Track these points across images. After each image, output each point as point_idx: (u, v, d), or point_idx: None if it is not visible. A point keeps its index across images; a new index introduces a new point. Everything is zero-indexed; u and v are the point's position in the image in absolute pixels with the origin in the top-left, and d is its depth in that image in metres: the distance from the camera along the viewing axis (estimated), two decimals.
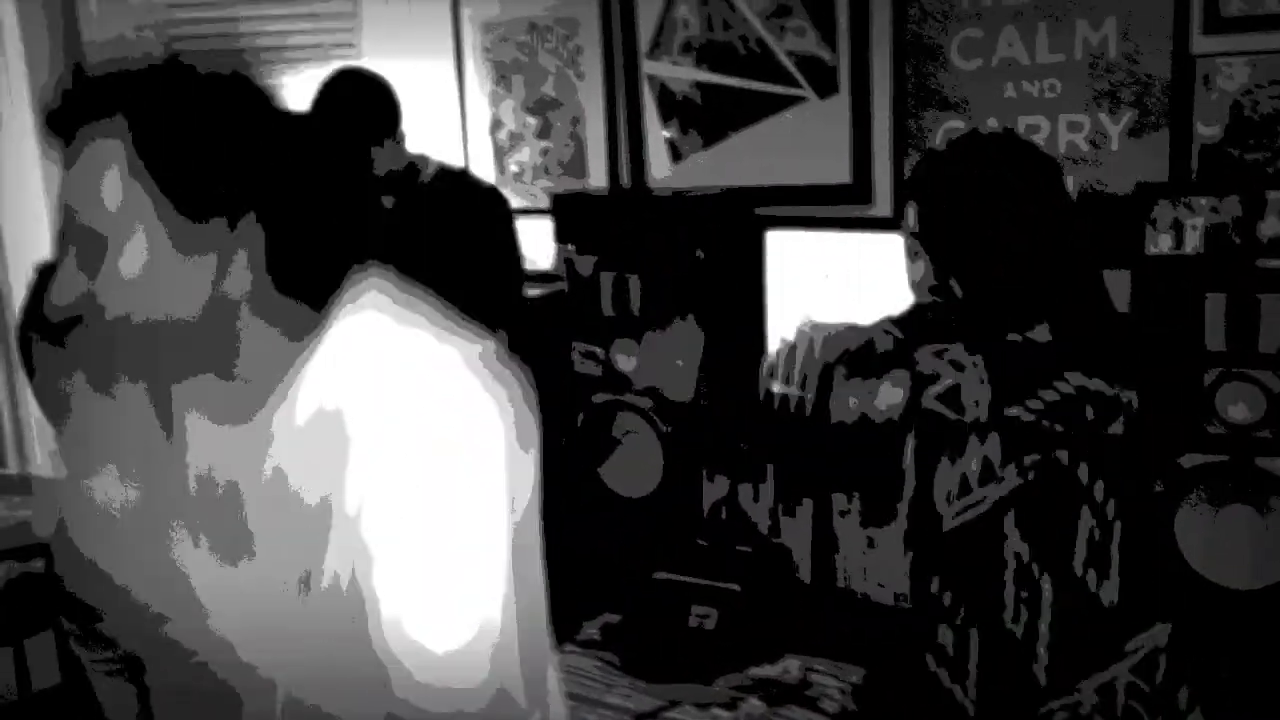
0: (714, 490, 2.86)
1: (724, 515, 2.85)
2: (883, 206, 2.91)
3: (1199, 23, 2.45)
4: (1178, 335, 2.13)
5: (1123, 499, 1.87)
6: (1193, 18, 2.46)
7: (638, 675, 2.48)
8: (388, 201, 2.65)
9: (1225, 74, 2.43)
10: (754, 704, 2.34)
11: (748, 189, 3.00)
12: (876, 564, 2.68)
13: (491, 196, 3.04)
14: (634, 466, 2.89)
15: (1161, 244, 2.20)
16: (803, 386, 1.87)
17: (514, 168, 3.52)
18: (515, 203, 3.46)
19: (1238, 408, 2.10)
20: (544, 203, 3.30)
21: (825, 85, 2.98)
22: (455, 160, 3.43)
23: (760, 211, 2.90)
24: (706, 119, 3.18)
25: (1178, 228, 2.19)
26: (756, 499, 2.79)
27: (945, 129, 2.80)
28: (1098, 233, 2.39)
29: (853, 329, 2.12)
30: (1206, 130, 2.45)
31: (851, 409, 1.94)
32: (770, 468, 2.79)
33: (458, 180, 3.11)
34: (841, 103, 2.96)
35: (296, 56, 3.60)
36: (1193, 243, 2.17)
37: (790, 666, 2.47)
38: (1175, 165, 2.47)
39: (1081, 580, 1.68)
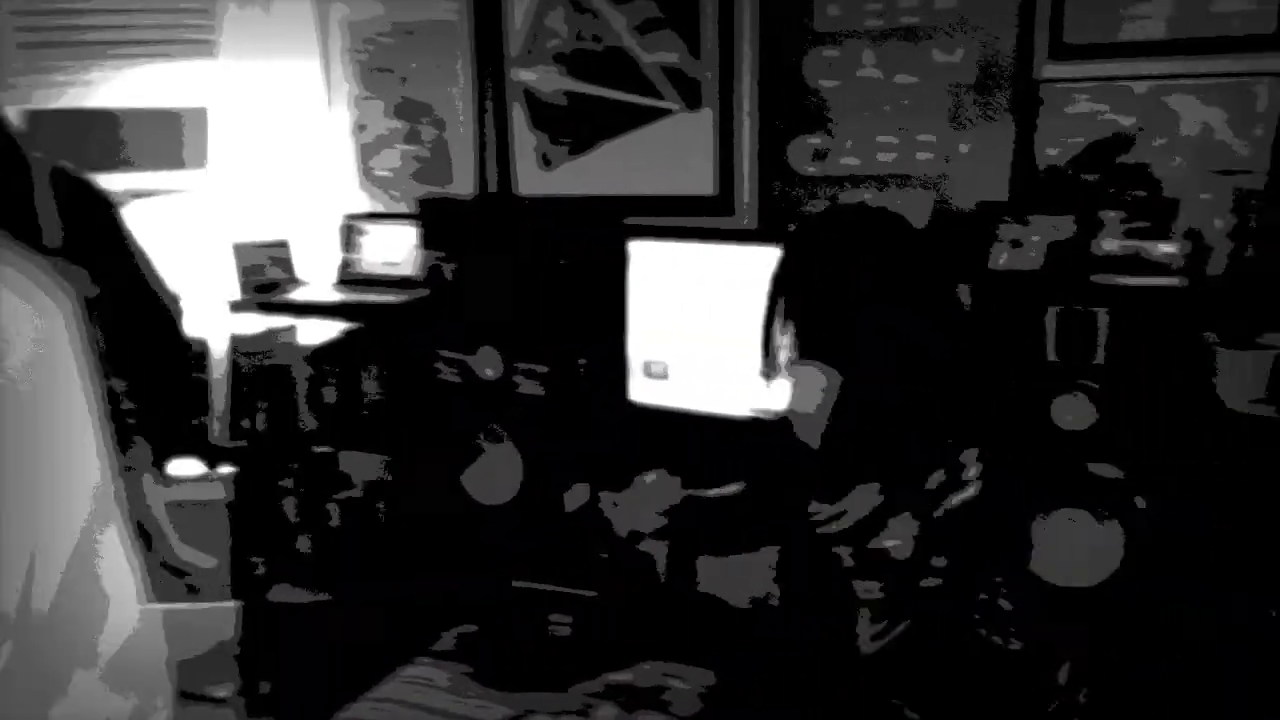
0: (576, 497, 2.86)
1: (585, 522, 2.85)
2: (747, 219, 2.96)
3: (1045, 49, 2.57)
4: (1018, 347, 2.23)
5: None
6: (1038, 44, 2.58)
7: (492, 685, 2.43)
8: None
9: (1068, 99, 2.55)
10: (607, 710, 2.33)
11: (614, 198, 3.01)
12: (735, 568, 2.71)
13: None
14: (496, 474, 2.87)
15: (1003, 259, 2.30)
16: None
17: (379, 171, 3.46)
18: (379, 207, 3.41)
19: (1072, 416, 2.20)
20: (410, 208, 3.26)
21: (692, 98, 3.02)
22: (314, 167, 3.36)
23: (626, 221, 2.92)
24: (575, 128, 3.19)
25: (1018, 244, 2.29)
26: (617, 505, 2.80)
27: (807, 145, 2.87)
28: (946, 248, 2.49)
29: None
30: (1048, 152, 2.57)
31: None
32: (633, 474, 2.80)
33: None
34: (707, 116, 3.00)
35: (148, 51, 3.45)
36: (1032, 258, 2.27)
37: (645, 673, 2.46)
38: (1017, 184, 2.57)
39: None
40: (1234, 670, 2.11)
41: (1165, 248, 2.11)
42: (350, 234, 3.38)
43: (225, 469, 3.14)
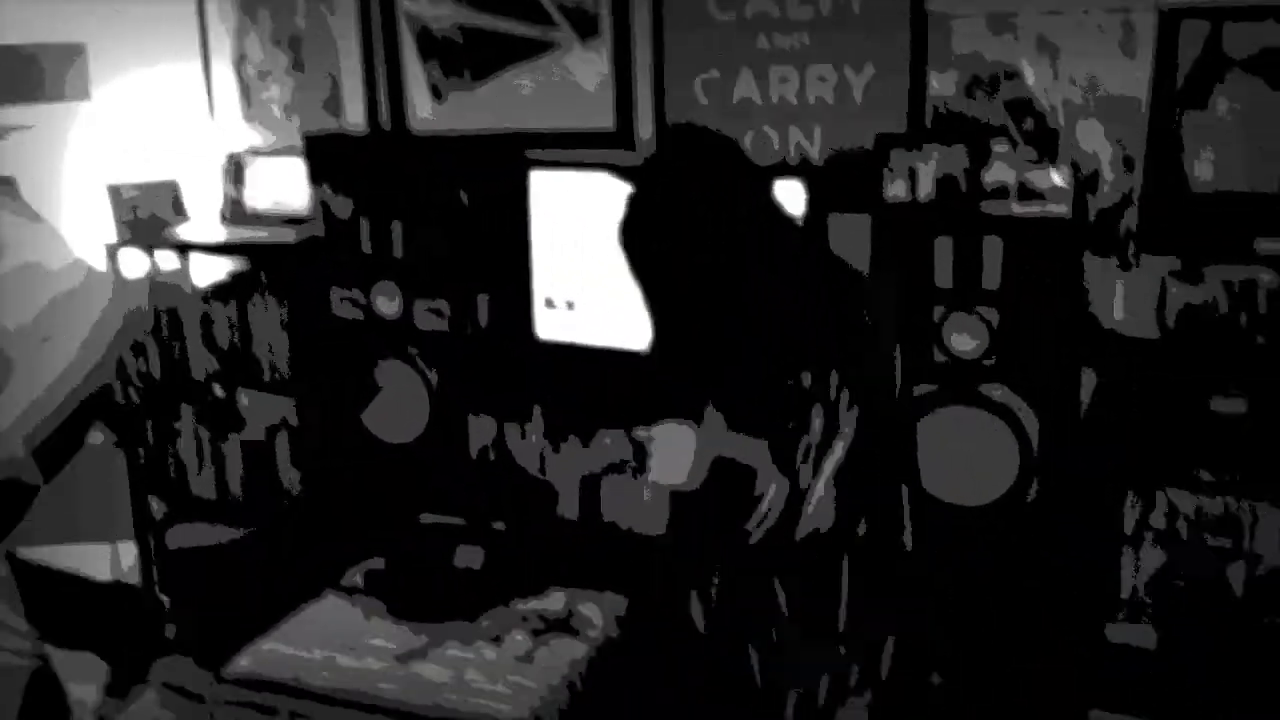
0: (481, 432, 2.87)
1: (491, 457, 2.86)
2: (645, 152, 2.96)
3: None
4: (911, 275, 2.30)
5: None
6: None
7: (403, 618, 2.44)
8: None
9: (959, 30, 2.61)
10: (519, 636, 2.36)
11: (512, 133, 2.98)
12: (640, 498, 2.76)
13: None
14: (400, 411, 2.85)
15: (897, 190, 2.37)
16: None
17: (267, 104, 3.35)
18: (263, 141, 3.31)
19: (962, 340, 2.30)
20: (296, 142, 3.16)
21: (587, 30, 2.99)
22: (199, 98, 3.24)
23: (527, 154, 2.89)
24: (469, 60, 3.13)
25: (912, 175, 2.36)
26: (524, 438, 2.82)
27: (702, 80, 2.88)
28: (842, 181, 2.55)
29: None
30: (940, 84, 2.64)
31: None
32: (537, 409, 2.82)
33: None
34: (603, 50, 2.98)
35: None
36: (925, 189, 2.34)
37: (556, 599, 2.50)
38: (912, 117, 2.64)
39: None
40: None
41: (1051, 177, 2.20)
42: (236, 170, 3.27)
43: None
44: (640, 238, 1.68)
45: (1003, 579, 2.27)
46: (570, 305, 2.78)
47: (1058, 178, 2.17)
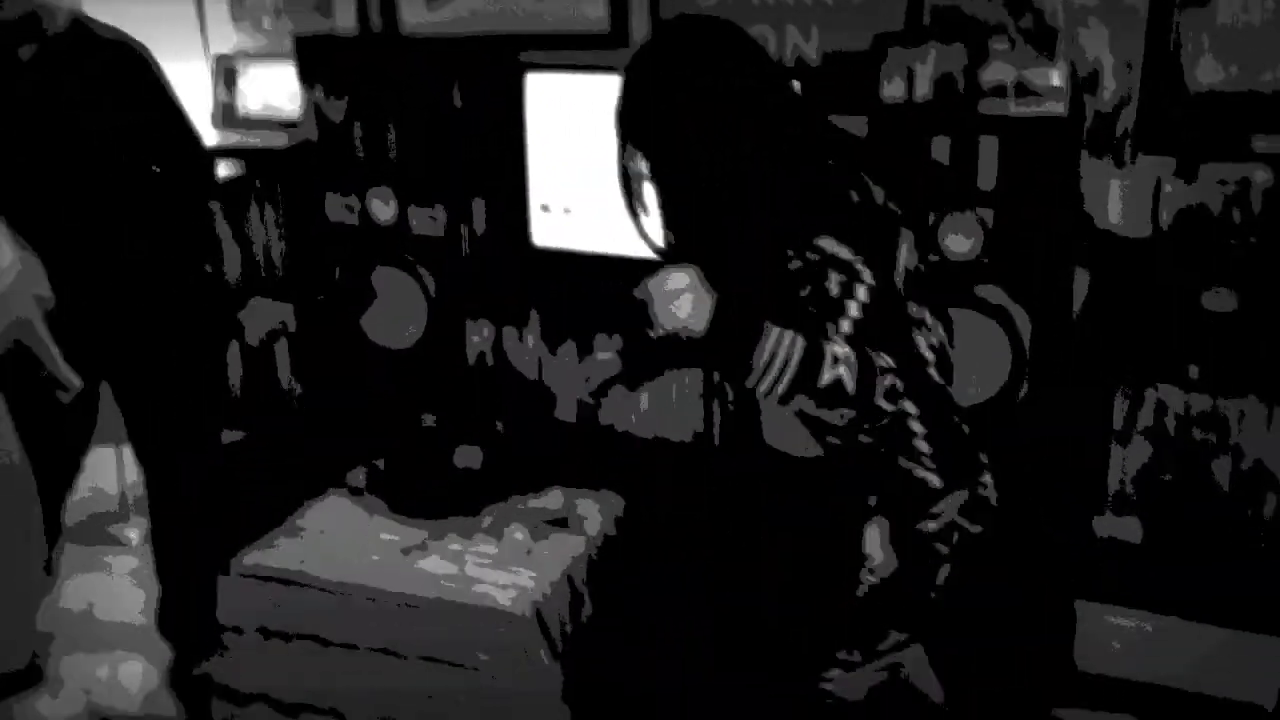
0: (479, 336, 2.89)
1: (489, 362, 2.89)
2: None
3: None
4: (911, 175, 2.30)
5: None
6: None
7: (405, 515, 2.49)
8: (25, 53, 2.36)
9: None
10: (518, 534, 2.41)
11: (505, 35, 2.94)
12: (639, 400, 2.80)
13: (123, 46, 2.63)
14: (398, 317, 2.86)
15: (894, 91, 2.36)
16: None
17: (256, 6, 3.29)
18: (253, 45, 3.26)
19: (958, 241, 2.31)
20: (287, 46, 3.12)
21: None
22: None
23: (521, 57, 2.86)
24: None
25: (909, 76, 2.35)
26: (521, 342, 2.84)
27: None
28: (840, 84, 2.54)
29: None
30: None
31: None
32: (535, 313, 2.83)
33: (90, 29, 2.54)
34: None
35: None
36: (922, 89, 2.33)
37: (554, 498, 2.55)
38: (910, 17, 2.61)
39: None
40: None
41: (1049, 76, 2.20)
42: (227, 74, 3.23)
43: None
44: (638, 121, 1.67)
45: (993, 476, 2.32)
46: (567, 211, 2.78)
47: (1056, 77, 2.16)
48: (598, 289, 2.72)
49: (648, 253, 1.81)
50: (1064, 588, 2.35)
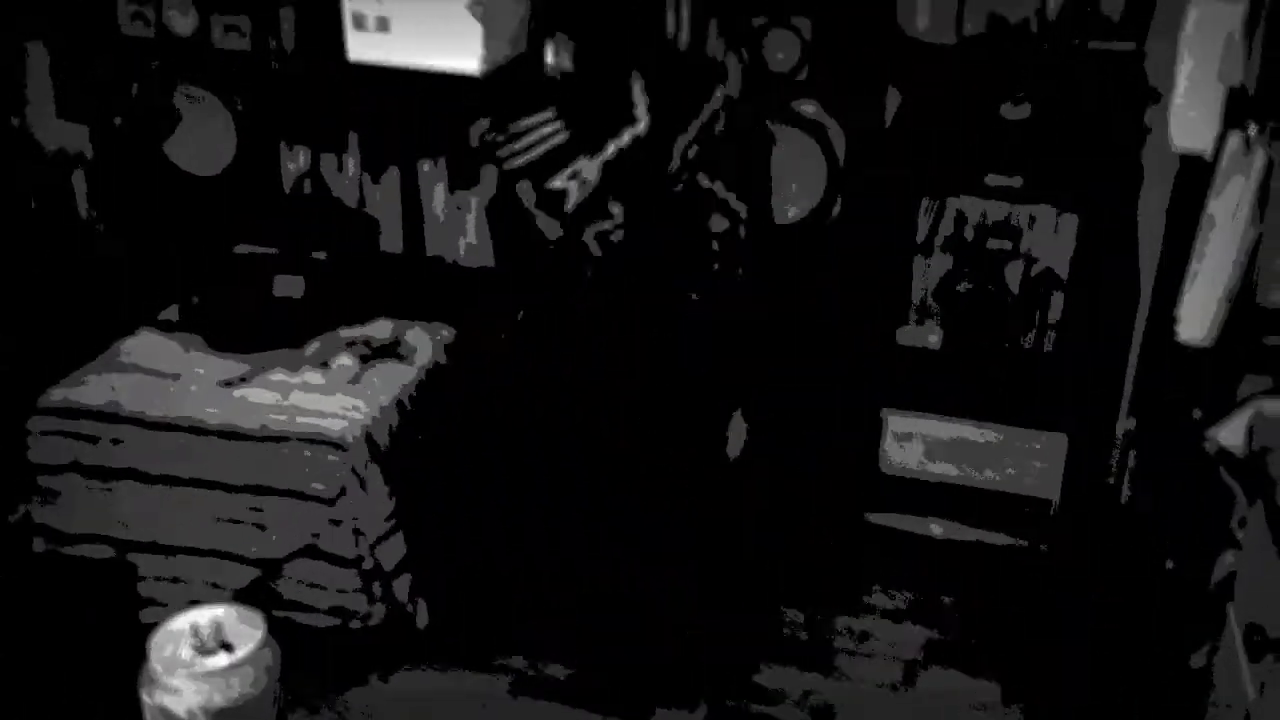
0: (294, 164, 2.76)
1: (307, 189, 2.78)
2: None
3: None
4: None
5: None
6: None
7: (226, 350, 2.42)
8: None
9: None
10: (346, 362, 2.39)
11: None
12: (464, 229, 2.75)
13: None
14: (205, 141, 2.71)
15: None
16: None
17: None
18: None
19: (777, 57, 2.31)
20: None
21: None
22: None
23: None
24: None
25: None
26: (340, 169, 2.73)
27: None
28: None
29: None
30: None
31: None
32: (355, 136, 2.71)
33: None
34: None
35: None
36: None
37: (382, 327, 2.52)
38: None
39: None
40: None
41: None
42: None
43: None
44: None
45: (806, 288, 2.40)
46: (383, 23, 2.63)
47: None
48: (424, 108, 2.61)
49: (473, 68, 1.77)
50: (869, 396, 2.48)
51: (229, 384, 2.31)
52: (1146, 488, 2.22)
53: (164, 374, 2.34)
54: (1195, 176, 1.85)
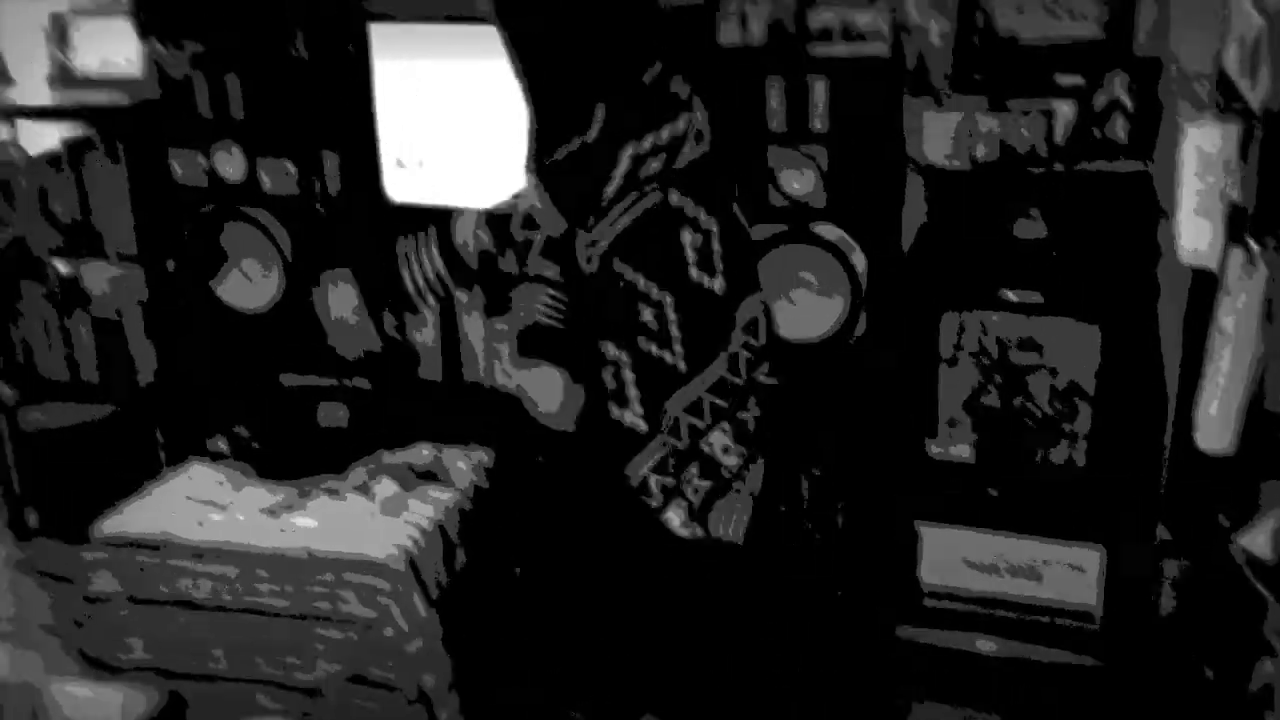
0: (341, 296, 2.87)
1: (351, 321, 2.88)
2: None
3: None
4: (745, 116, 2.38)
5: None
6: None
7: (273, 478, 2.50)
8: None
9: None
10: (387, 485, 2.45)
11: None
12: (500, 354, 2.83)
13: None
14: (252, 279, 2.83)
15: (730, 35, 2.42)
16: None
17: None
18: (89, 1, 3.15)
19: (795, 181, 2.40)
20: (123, 1, 3.02)
21: None
22: None
23: (365, 5, 2.82)
24: None
25: (743, 20, 2.42)
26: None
27: None
28: (679, 34, 2.58)
29: None
30: None
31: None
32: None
33: None
34: None
35: None
36: (757, 33, 2.41)
37: (422, 451, 2.59)
38: None
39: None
40: None
41: (871, 19, 2.30)
42: (61, 32, 3.12)
43: None
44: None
45: (833, 408, 2.44)
46: (421, 164, 2.78)
47: (877, 20, 2.27)
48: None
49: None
50: (905, 510, 2.50)
51: (274, 512, 2.38)
52: (1183, 597, 2.21)
53: (212, 503, 2.42)
54: (1206, 289, 1.90)
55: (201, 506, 2.41)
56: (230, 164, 2.76)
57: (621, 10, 1.82)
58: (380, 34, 2.70)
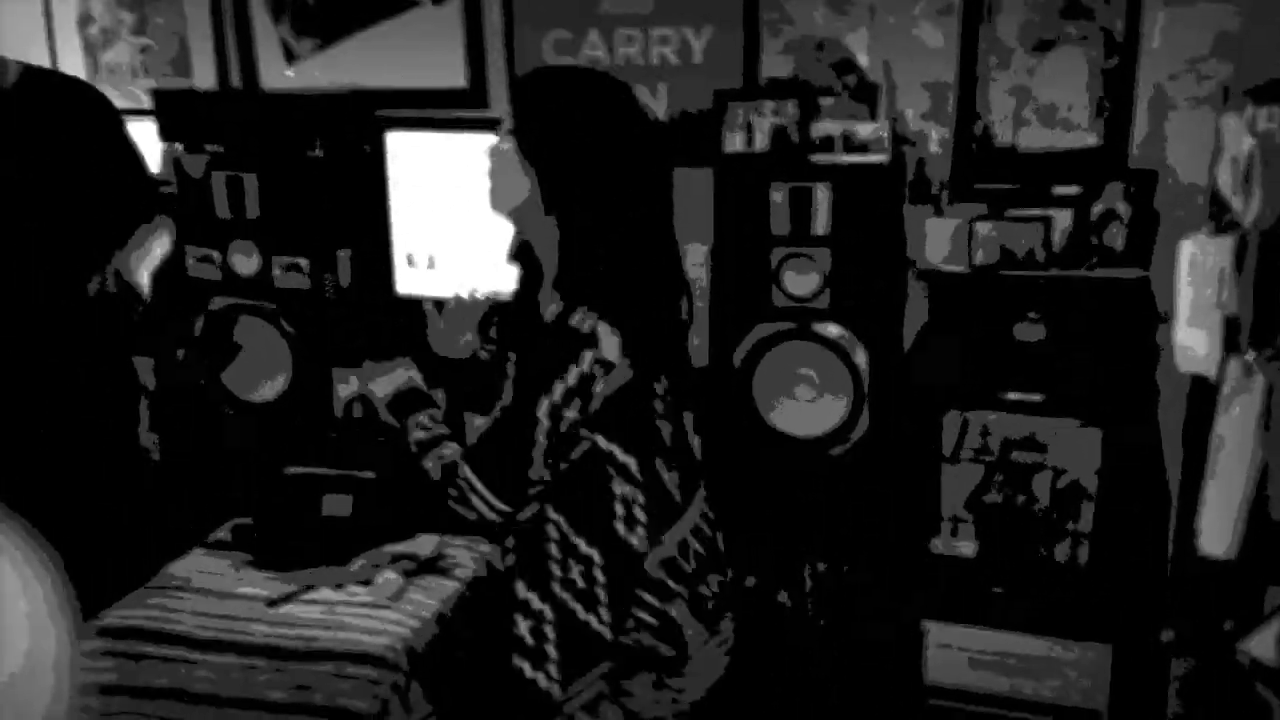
0: (345, 388, 2.91)
1: (356, 412, 2.91)
2: (499, 109, 3.04)
3: None
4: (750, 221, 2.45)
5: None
6: None
7: (273, 568, 2.49)
8: None
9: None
10: (390, 577, 2.44)
11: (366, 91, 3.02)
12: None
13: (89, 94, 2.77)
14: (262, 371, 2.87)
15: (735, 143, 2.51)
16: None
17: (109, 66, 3.29)
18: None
19: (798, 282, 2.46)
20: (144, 103, 3.12)
21: None
22: (40, 60, 3.15)
23: (380, 113, 2.93)
24: (320, 20, 3.15)
25: (748, 129, 2.51)
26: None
27: (552, 39, 2.97)
28: (685, 137, 2.68)
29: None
30: (772, 45, 2.79)
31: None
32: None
33: (47, 81, 2.80)
34: (454, 9, 3.04)
35: None
36: (760, 142, 2.49)
37: (426, 543, 2.58)
38: (747, 75, 2.78)
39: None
40: None
41: (872, 129, 2.38)
42: None
43: None
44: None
45: (837, 504, 2.46)
46: (431, 262, 2.85)
47: (877, 130, 2.35)
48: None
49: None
50: (909, 608, 2.49)
51: (275, 602, 2.37)
52: (1191, 700, 2.20)
53: (213, 593, 2.40)
54: (1205, 395, 1.94)
55: (203, 596, 2.40)
56: (245, 260, 2.82)
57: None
58: (395, 140, 2.80)
